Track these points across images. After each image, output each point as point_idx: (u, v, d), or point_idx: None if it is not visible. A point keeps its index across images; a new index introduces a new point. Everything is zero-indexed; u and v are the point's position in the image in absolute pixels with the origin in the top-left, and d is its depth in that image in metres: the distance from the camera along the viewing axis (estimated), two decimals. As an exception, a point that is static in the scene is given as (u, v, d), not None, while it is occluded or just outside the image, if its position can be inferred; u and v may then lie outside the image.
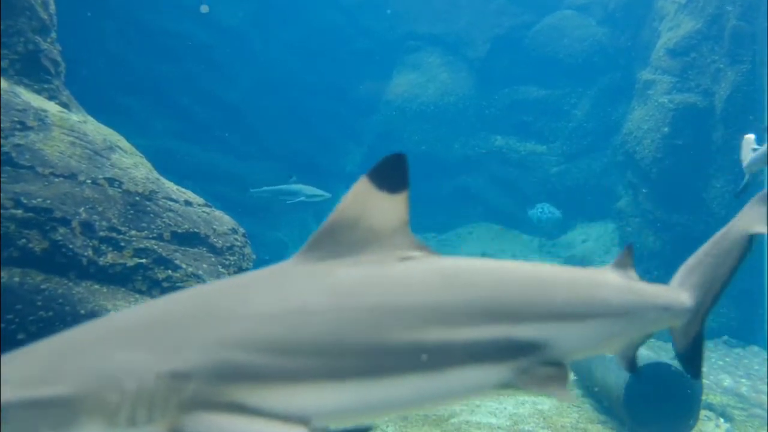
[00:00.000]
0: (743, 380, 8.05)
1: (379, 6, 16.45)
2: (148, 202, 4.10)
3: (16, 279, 3.38)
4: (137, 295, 3.75)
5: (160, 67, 13.91)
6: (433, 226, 15.44)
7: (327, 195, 11.26)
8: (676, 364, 6.28)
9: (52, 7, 4.71)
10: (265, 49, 15.68)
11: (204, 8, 13.11)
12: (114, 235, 3.80)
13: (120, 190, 4.02)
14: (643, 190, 10.97)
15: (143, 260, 3.85)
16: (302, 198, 11.19)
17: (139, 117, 13.35)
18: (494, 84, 15.53)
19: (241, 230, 4.67)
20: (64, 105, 4.52)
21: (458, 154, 15.50)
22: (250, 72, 15.37)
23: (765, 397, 7.38)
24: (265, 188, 11.62)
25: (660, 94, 11.10)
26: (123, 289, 3.73)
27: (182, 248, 4.09)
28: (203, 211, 4.47)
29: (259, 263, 6.94)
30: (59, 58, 4.68)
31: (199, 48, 14.44)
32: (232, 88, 15.22)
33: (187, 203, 4.40)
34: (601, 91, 14.58)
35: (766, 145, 6.24)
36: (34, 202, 3.56)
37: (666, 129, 10.78)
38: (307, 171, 16.17)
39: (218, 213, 4.61)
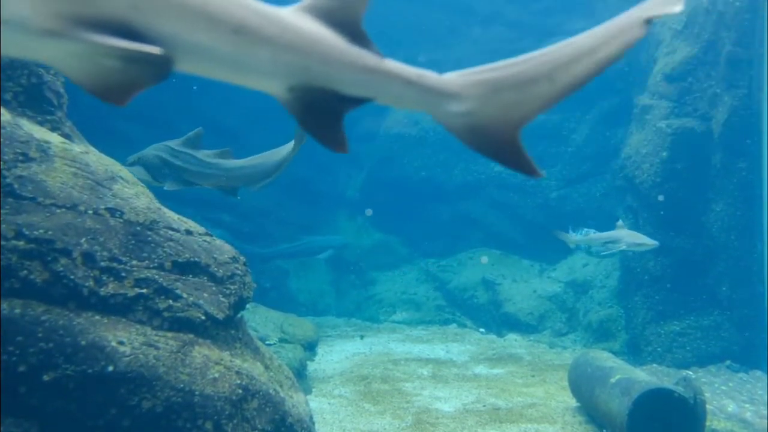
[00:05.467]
0: (747, 405, 8.00)
1: (378, 33, 16.62)
2: (149, 232, 4.11)
3: (17, 310, 3.38)
4: (138, 326, 3.75)
5: (161, 95, 14.01)
6: (433, 251, 15.46)
7: (654, 243, 9.41)
8: (679, 389, 6.25)
9: (56, 40, 4.76)
10: (265, 76, 15.79)
11: None
12: (115, 265, 3.81)
13: (121, 220, 4.04)
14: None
15: (144, 290, 3.85)
16: (623, 246, 9.44)
17: (141, 145, 13.40)
18: (493, 109, 15.62)
19: (242, 259, 4.68)
20: (67, 136, 4.56)
21: (458, 179, 15.57)
22: (248, 98, 15.46)
23: (769, 423, 7.33)
24: (585, 232, 9.96)
25: (658, 119, 11.17)
26: (124, 319, 3.73)
27: (183, 277, 4.10)
28: (204, 240, 4.48)
29: (260, 291, 6.95)
30: (62, 90, 4.73)
31: (200, 76, 14.56)
32: (231, 114, 15.32)
33: (188, 232, 4.41)
34: (600, 115, 14.69)
35: None
36: (35, 233, 3.58)
37: (665, 153, 10.84)
38: (307, 196, 16.23)
39: (219, 242, 4.62)
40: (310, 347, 10.65)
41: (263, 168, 6.68)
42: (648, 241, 9.41)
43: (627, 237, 9.50)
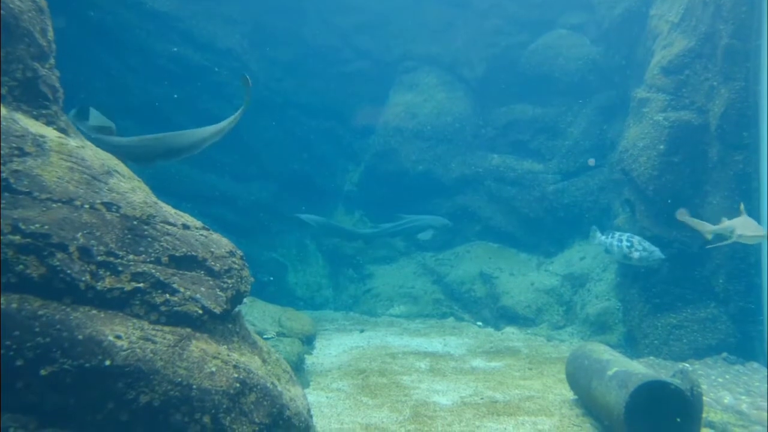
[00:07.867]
0: (743, 397, 8.02)
1: (376, 27, 16.59)
2: (146, 226, 4.11)
3: (14, 305, 3.38)
4: (135, 320, 3.75)
5: (158, 89, 13.98)
6: (430, 245, 15.47)
7: (764, 233, 8.07)
8: (675, 382, 6.27)
9: (51, 34, 4.75)
10: (261, 71, 15.77)
11: None
12: (112, 259, 3.81)
13: (118, 214, 4.03)
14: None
15: (141, 284, 3.85)
16: (734, 238, 8.06)
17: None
18: (491, 103, 15.62)
19: (239, 252, 4.68)
20: (63, 130, 4.55)
21: (455, 173, 15.56)
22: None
23: (765, 414, 7.35)
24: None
25: (655, 112, 11.16)
26: (121, 313, 3.73)
27: (180, 272, 4.10)
28: (201, 234, 4.48)
29: (258, 285, 6.92)
30: (57, 84, 4.71)
31: (196, 70, 14.52)
32: (229, 110, 15.27)
33: (185, 226, 4.41)
34: (597, 109, 14.67)
35: None
36: (32, 227, 3.57)
37: (662, 146, 10.83)
38: (305, 191, 16.23)
39: (216, 236, 4.61)
40: (308, 341, 10.67)
41: (150, 149, 7.19)
42: (760, 231, 8.06)
43: (739, 226, 8.17)
